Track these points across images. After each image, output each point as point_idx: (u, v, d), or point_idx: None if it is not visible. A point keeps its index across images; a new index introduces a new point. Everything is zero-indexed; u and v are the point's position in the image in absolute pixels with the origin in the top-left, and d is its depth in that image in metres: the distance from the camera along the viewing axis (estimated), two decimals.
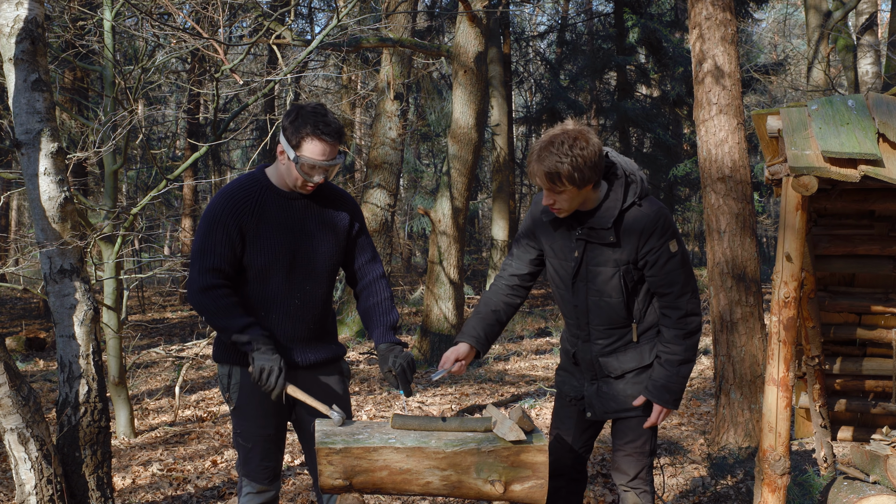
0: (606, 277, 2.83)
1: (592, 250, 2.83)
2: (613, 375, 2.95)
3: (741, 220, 5.09)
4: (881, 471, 2.91)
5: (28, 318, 14.37)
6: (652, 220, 2.77)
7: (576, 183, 2.65)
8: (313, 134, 2.77)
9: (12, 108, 3.76)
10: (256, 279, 2.90)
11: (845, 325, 3.59)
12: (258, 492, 3.00)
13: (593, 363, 2.98)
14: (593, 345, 2.96)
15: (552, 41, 20.45)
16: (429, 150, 21.15)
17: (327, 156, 2.80)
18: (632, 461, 2.99)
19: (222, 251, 2.83)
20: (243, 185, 2.92)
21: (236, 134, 11.81)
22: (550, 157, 2.63)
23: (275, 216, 2.88)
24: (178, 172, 6.43)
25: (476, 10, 8.64)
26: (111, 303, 6.31)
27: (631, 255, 2.79)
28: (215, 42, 6.18)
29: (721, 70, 5.19)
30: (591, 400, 3.01)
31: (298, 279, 2.91)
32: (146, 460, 5.75)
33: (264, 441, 2.97)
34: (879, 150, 2.53)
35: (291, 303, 2.92)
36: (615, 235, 2.77)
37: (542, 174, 2.66)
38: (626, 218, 2.78)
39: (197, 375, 9.17)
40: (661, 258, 2.78)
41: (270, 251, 2.87)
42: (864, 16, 11.36)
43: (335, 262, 3.01)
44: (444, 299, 9.10)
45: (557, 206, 2.75)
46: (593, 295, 2.87)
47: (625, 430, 3.00)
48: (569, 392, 3.09)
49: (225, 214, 2.84)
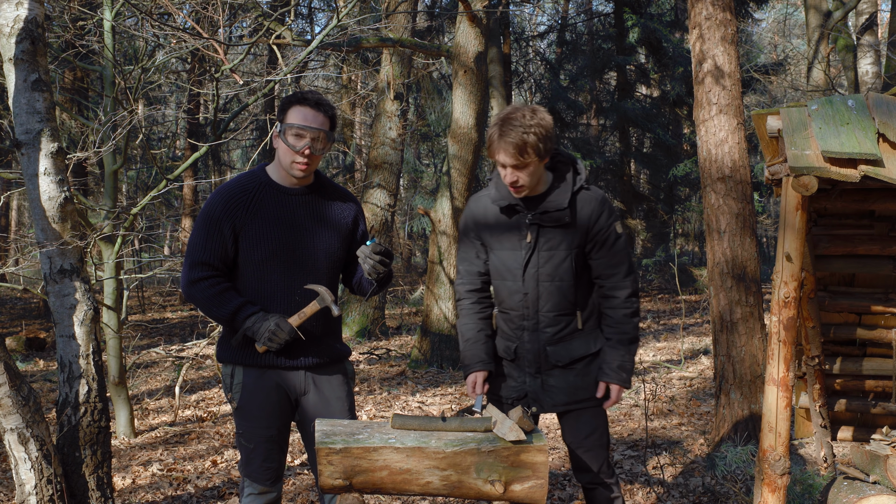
0: (559, 260, 2.91)
1: (545, 234, 2.90)
2: (561, 364, 2.96)
3: (741, 220, 5.09)
4: (881, 471, 2.91)
5: (28, 318, 14.37)
6: (600, 201, 2.91)
7: (540, 153, 2.78)
8: (296, 101, 2.84)
9: (12, 108, 3.76)
10: (255, 275, 2.90)
11: (845, 325, 3.59)
12: (260, 493, 2.99)
13: (540, 354, 2.98)
14: (541, 333, 2.97)
15: (552, 41, 20.44)
16: (429, 150, 21.15)
17: (310, 121, 2.82)
18: (593, 456, 3.01)
19: (213, 247, 2.86)
20: (241, 181, 2.94)
21: (236, 134, 11.81)
22: (515, 130, 2.74)
23: (271, 211, 2.88)
24: (178, 172, 6.43)
25: (476, 10, 8.64)
26: (111, 303, 6.31)
27: (581, 236, 2.90)
28: (215, 42, 6.18)
29: (721, 70, 5.19)
30: (537, 394, 3.01)
31: (298, 275, 2.90)
32: (146, 460, 5.75)
33: (266, 442, 2.96)
34: (879, 150, 2.53)
35: (291, 299, 2.90)
36: (570, 216, 2.87)
37: (510, 147, 2.74)
38: (578, 200, 2.90)
39: (197, 375, 9.17)
40: (609, 238, 2.90)
41: (266, 246, 2.87)
42: (864, 16, 11.35)
43: (336, 259, 2.99)
44: (445, 299, 9.10)
45: (521, 182, 2.82)
46: (545, 280, 2.93)
47: (579, 425, 3.00)
48: (509, 394, 3.06)
49: (218, 211, 2.87)
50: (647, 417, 6.10)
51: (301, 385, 2.96)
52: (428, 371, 8.88)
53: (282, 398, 2.95)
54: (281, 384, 2.95)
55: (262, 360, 2.91)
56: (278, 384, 2.95)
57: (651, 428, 6.00)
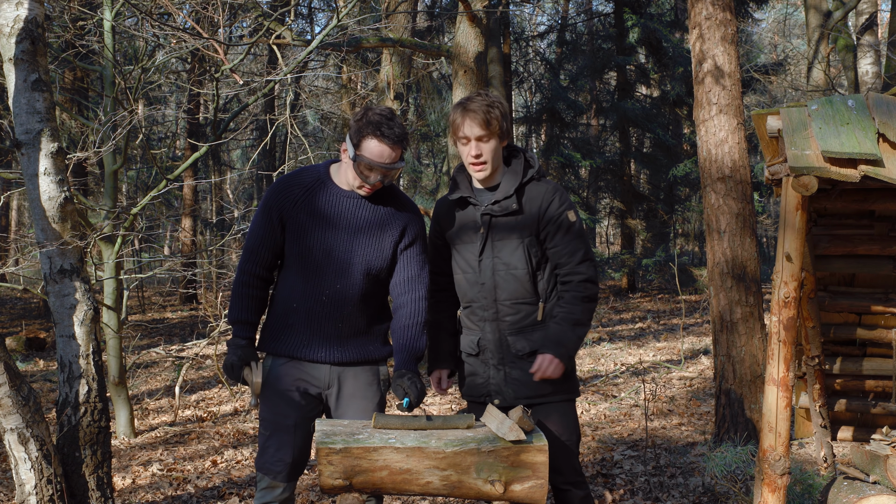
0: (512, 249, 2.97)
1: (497, 224, 2.99)
2: (522, 354, 2.97)
3: (741, 220, 5.09)
4: (881, 471, 2.91)
5: (28, 318, 14.37)
6: (550, 191, 2.99)
7: (502, 128, 2.93)
8: (374, 134, 2.82)
9: (12, 108, 3.76)
10: (291, 269, 2.98)
11: (845, 325, 3.59)
12: (269, 486, 2.95)
13: (501, 343, 3.00)
14: (501, 322, 3.00)
15: (552, 41, 20.43)
16: (429, 150, 21.15)
17: (385, 158, 2.84)
18: (564, 457, 3.00)
19: (262, 234, 2.98)
20: (301, 174, 3.01)
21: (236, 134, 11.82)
22: (480, 105, 2.89)
23: (320, 210, 2.92)
24: (178, 172, 6.44)
25: (476, 10, 8.64)
26: (111, 303, 6.31)
27: (533, 225, 2.96)
28: (215, 42, 6.18)
29: (721, 70, 5.19)
30: (500, 386, 3.02)
31: (330, 276, 2.92)
32: (146, 460, 5.75)
33: (282, 431, 2.94)
34: (879, 150, 2.53)
35: (318, 299, 2.93)
36: (517, 203, 2.95)
37: (477, 117, 2.88)
38: (527, 190, 2.98)
39: (197, 375, 9.17)
40: (561, 226, 2.96)
41: (305, 243, 2.92)
42: (864, 16, 11.35)
43: (374, 267, 2.97)
44: None
45: (484, 157, 2.93)
46: (500, 268, 2.99)
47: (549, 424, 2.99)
48: (478, 392, 3.08)
49: (272, 200, 2.97)
50: (647, 417, 6.10)
51: (325, 379, 2.98)
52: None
53: (304, 390, 2.96)
54: (304, 376, 2.97)
55: (290, 351, 2.97)
56: (301, 376, 2.97)
57: (651, 428, 6.00)
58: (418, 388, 2.86)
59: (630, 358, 9.13)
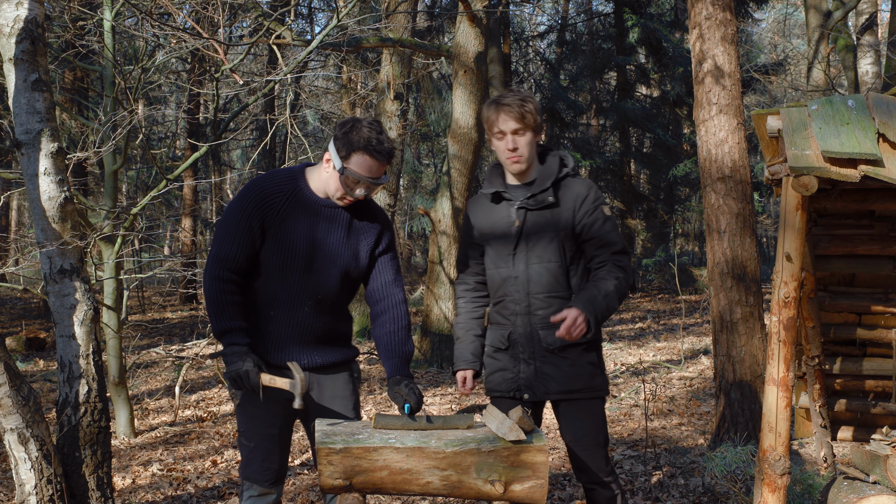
0: (546, 242, 2.99)
1: (532, 218, 3.00)
2: (553, 348, 2.96)
3: (741, 220, 5.09)
4: (881, 471, 2.91)
5: (28, 318, 14.37)
6: (586, 185, 3.02)
7: (536, 122, 2.98)
8: (366, 150, 2.77)
9: (12, 108, 3.76)
10: (269, 277, 2.89)
11: (845, 325, 3.59)
12: (259, 494, 2.97)
13: (532, 337, 3.00)
14: (533, 316, 3.00)
15: (552, 41, 20.44)
16: (429, 150, 21.16)
17: (373, 173, 2.81)
18: (590, 455, 3.00)
19: (241, 241, 2.84)
20: (277, 180, 2.91)
21: (236, 134, 11.82)
22: (513, 99, 2.95)
23: (300, 218, 2.87)
24: (178, 172, 6.44)
25: (476, 10, 8.64)
26: (111, 303, 6.31)
27: (568, 219, 2.97)
28: (215, 42, 6.18)
29: (721, 70, 5.19)
30: (530, 380, 3.01)
31: (311, 285, 2.90)
32: (146, 460, 5.75)
33: (267, 441, 2.95)
34: (879, 150, 2.53)
35: (300, 308, 2.90)
36: (554, 196, 2.98)
37: (513, 110, 2.93)
38: (563, 185, 3.02)
39: (197, 375, 9.17)
40: (597, 220, 2.97)
41: (287, 252, 2.86)
42: (864, 16, 11.35)
43: (354, 275, 2.97)
44: (444, 299, 9.10)
45: (520, 150, 2.97)
46: (534, 262, 2.99)
47: (576, 423, 2.99)
48: (507, 387, 3.07)
49: (251, 206, 2.85)
50: (647, 417, 6.10)
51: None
52: (428, 371, 8.89)
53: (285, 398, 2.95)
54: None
55: (268, 359, 2.92)
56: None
57: (651, 428, 6.00)
58: (417, 393, 2.85)
59: (630, 358, 9.13)
